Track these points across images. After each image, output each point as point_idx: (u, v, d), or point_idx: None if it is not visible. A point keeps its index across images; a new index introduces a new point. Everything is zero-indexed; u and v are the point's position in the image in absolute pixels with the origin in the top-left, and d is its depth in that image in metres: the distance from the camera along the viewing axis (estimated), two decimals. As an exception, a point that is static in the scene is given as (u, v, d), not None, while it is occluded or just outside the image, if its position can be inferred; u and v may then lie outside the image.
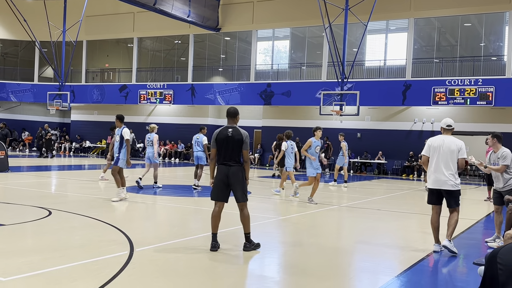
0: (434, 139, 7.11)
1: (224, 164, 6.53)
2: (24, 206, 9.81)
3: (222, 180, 6.54)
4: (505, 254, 1.97)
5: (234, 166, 6.53)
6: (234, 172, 6.50)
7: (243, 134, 6.56)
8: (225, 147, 6.53)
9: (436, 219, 7.15)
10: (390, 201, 14.03)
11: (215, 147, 6.61)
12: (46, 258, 5.80)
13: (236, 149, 6.53)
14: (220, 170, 6.56)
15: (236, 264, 6.19)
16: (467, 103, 22.55)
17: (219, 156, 6.60)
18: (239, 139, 6.51)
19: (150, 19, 29.61)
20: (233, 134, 6.53)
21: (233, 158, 6.54)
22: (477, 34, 24.73)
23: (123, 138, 11.40)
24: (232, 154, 6.53)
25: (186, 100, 29.75)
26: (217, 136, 6.60)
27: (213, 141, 6.63)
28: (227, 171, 6.51)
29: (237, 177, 6.51)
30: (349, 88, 24.18)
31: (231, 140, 6.51)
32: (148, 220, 9.34)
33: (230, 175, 6.49)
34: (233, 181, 6.51)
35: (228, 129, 6.60)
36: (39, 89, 33.15)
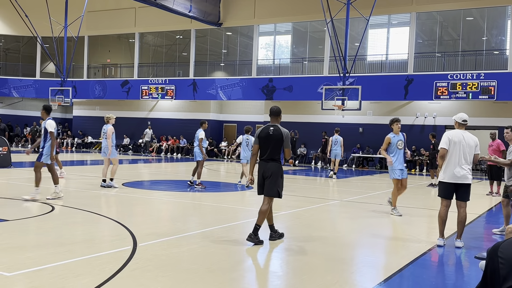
0: (454, 133, 7.06)
1: (264, 160, 6.90)
2: (27, 201, 9.85)
3: (262, 176, 6.91)
4: (507, 248, 1.98)
5: (272, 162, 6.85)
6: (271, 168, 6.83)
7: (283, 132, 6.83)
8: (266, 144, 6.86)
9: (445, 212, 7.16)
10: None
11: (257, 144, 6.96)
12: (49, 253, 5.83)
13: (276, 146, 6.84)
14: (260, 166, 6.94)
15: (239, 259, 6.22)
16: (469, 97, 22.51)
17: (261, 152, 6.95)
18: (279, 137, 6.80)
19: (152, 14, 29.57)
20: (274, 133, 6.82)
21: (273, 155, 6.86)
22: (479, 28, 24.66)
23: (47, 131, 10.35)
24: (272, 151, 6.85)
25: (188, 95, 29.75)
26: (259, 133, 6.94)
27: (255, 138, 6.98)
28: (265, 166, 6.86)
29: (272, 173, 6.82)
30: (351, 82, 24.15)
31: (272, 138, 6.82)
32: (151, 215, 9.37)
33: (267, 170, 6.84)
34: (268, 176, 6.84)
35: (270, 128, 6.89)
36: (41, 84, 33.17)
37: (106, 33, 32.80)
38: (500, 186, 14.28)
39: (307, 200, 12.01)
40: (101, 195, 11.31)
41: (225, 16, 28.77)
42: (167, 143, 30.73)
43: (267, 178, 6.84)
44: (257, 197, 12.47)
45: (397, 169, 9.73)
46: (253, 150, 7.09)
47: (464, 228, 7.15)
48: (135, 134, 32.32)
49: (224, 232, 7.61)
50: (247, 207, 10.92)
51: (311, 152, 27.43)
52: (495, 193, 14.33)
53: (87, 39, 33.20)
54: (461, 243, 7.07)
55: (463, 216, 7.05)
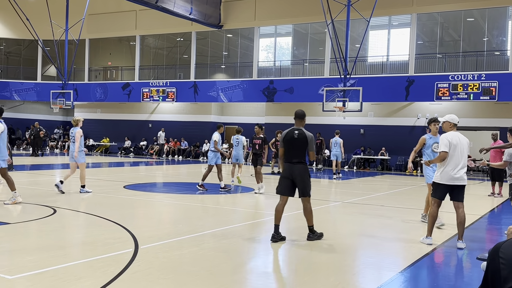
0: (451, 135, 7.03)
1: (290, 163, 7.13)
2: (29, 204, 9.86)
3: (287, 177, 7.13)
4: (508, 248, 1.98)
5: (298, 165, 7.10)
6: (298, 170, 7.07)
7: (308, 136, 7.12)
8: (291, 147, 7.13)
9: (437, 212, 7.22)
10: (393, 197, 14.03)
11: (283, 147, 7.22)
12: (51, 256, 5.83)
13: (301, 149, 7.12)
14: (285, 168, 7.19)
15: (240, 261, 6.21)
16: (470, 98, 22.49)
17: (286, 155, 7.20)
18: (304, 140, 7.09)
19: (152, 17, 29.62)
20: (298, 136, 7.10)
21: (298, 157, 7.12)
22: (480, 29, 24.65)
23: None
24: (297, 154, 7.12)
25: (189, 98, 29.78)
26: (284, 137, 7.21)
27: (281, 142, 7.25)
28: (292, 168, 7.09)
29: (301, 174, 7.07)
30: (352, 84, 24.15)
31: (297, 141, 7.10)
32: (152, 217, 9.37)
33: (294, 173, 7.07)
34: (297, 178, 7.06)
35: (295, 131, 7.15)
36: (42, 87, 33.22)
37: (107, 36, 32.84)
38: (502, 187, 14.26)
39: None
40: (102, 198, 11.31)
41: (226, 18, 28.81)
42: (168, 145, 30.74)
43: (295, 179, 7.09)
44: (258, 199, 12.48)
45: (431, 173, 8.52)
46: (279, 153, 7.34)
47: (464, 228, 7.17)
48: (136, 137, 32.35)
49: (225, 234, 7.61)
50: (248, 209, 10.92)
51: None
52: (497, 194, 14.31)
53: (88, 42, 33.25)
54: (463, 244, 7.07)
55: (462, 216, 7.07)
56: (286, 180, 7.14)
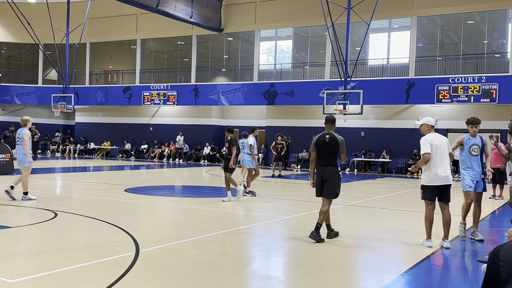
0: (431, 137, 7.19)
1: (321, 165, 7.47)
2: (30, 208, 9.87)
3: (321, 179, 7.47)
4: (508, 250, 1.98)
5: (329, 167, 7.44)
6: (328, 172, 7.41)
7: (339, 140, 7.42)
8: (323, 151, 7.44)
9: (433, 215, 7.31)
10: (394, 200, 14.02)
11: (315, 151, 7.54)
12: (52, 259, 5.84)
13: (333, 152, 7.43)
14: (318, 171, 7.54)
15: (241, 263, 6.21)
16: (471, 101, 22.50)
17: (318, 158, 7.52)
18: (335, 144, 7.39)
19: (153, 21, 29.66)
20: (330, 140, 7.40)
21: (329, 160, 7.44)
22: (480, 31, 24.67)
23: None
24: (329, 157, 7.43)
25: (189, 101, 29.80)
26: (316, 141, 7.53)
27: (313, 146, 7.57)
28: (323, 171, 7.44)
29: (331, 176, 7.40)
30: (352, 87, 24.16)
31: (328, 145, 7.41)
32: (153, 221, 9.38)
33: (325, 174, 7.40)
34: (327, 179, 7.41)
35: (326, 135, 7.47)
36: (43, 91, 33.26)
37: (108, 40, 32.91)
38: (503, 189, 14.25)
39: (310, 205, 12.00)
40: (103, 201, 11.31)
41: (226, 22, 28.85)
42: (169, 149, 30.75)
43: (325, 181, 7.41)
44: (261, 202, 12.48)
45: (467, 179, 7.78)
46: (311, 156, 7.66)
47: (450, 228, 7.30)
48: (137, 140, 32.37)
49: (226, 237, 7.61)
50: (250, 212, 10.92)
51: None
52: (498, 196, 14.31)
53: (89, 46, 33.31)
54: (449, 243, 7.24)
55: (448, 217, 7.25)
56: (320, 182, 7.48)
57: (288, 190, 16.18)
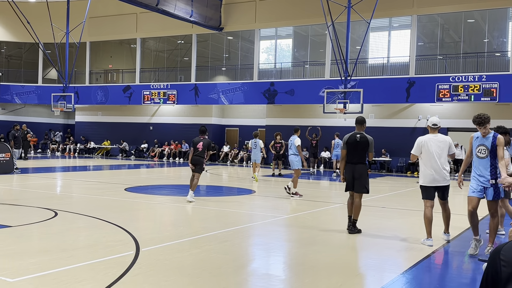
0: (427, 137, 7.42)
1: (351, 163, 8.02)
2: (30, 207, 9.87)
3: (352, 176, 8.00)
4: (509, 250, 1.97)
5: (359, 165, 8.01)
6: (359, 170, 7.99)
7: (369, 139, 8.07)
8: (353, 149, 8.01)
9: (430, 213, 7.41)
10: (395, 199, 14.02)
11: (345, 149, 8.11)
12: (53, 258, 5.84)
13: (362, 151, 8.05)
14: (348, 168, 8.07)
15: (241, 263, 6.21)
16: (471, 100, 22.48)
17: (348, 156, 8.07)
18: (365, 144, 8.02)
19: (153, 20, 29.64)
20: (360, 140, 8.03)
21: (359, 158, 8.03)
22: (480, 30, 24.65)
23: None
24: (359, 155, 8.04)
25: (189, 100, 29.79)
26: (347, 140, 8.11)
27: (344, 144, 8.16)
28: (354, 168, 7.98)
29: (361, 173, 7.99)
30: (352, 86, 24.15)
31: (359, 144, 8.01)
32: (153, 220, 9.38)
33: (356, 172, 7.96)
34: (357, 176, 7.97)
35: (357, 135, 8.10)
36: (43, 91, 33.25)
37: (108, 39, 32.89)
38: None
39: (310, 204, 12.00)
40: (103, 200, 11.31)
41: (226, 21, 28.83)
42: (169, 148, 30.74)
43: (357, 178, 7.96)
44: (261, 201, 12.47)
45: (472, 183, 6.87)
46: (341, 154, 8.26)
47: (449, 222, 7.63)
48: (137, 139, 32.36)
49: (227, 236, 7.61)
50: (250, 211, 10.92)
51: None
52: None
53: (89, 45, 33.29)
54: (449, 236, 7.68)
55: (448, 212, 7.57)
56: (350, 178, 8.03)
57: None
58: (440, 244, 7.38)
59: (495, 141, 6.66)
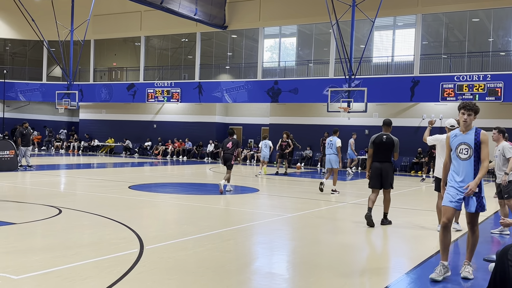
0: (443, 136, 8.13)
1: (378, 161, 8.74)
2: (34, 204, 9.89)
3: (376, 173, 8.73)
4: (516, 250, 1.96)
5: (386, 163, 8.74)
6: (385, 168, 8.72)
7: (394, 140, 8.75)
8: (380, 149, 8.72)
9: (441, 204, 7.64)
10: (399, 198, 13.98)
11: (372, 148, 8.81)
12: (57, 256, 5.85)
13: (388, 151, 8.74)
14: (374, 166, 8.76)
15: (245, 261, 6.21)
16: (475, 99, 22.40)
17: (375, 155, 8.78)
18: (391, 144, 8.72)
19: (157, 18, 29.66)
20: (386, 140, 8.74)
21: (385, 157, 8.75)
22: (485, 29, 24.56)
23: None
24: (385, 155, 8.74)
25: (193, 98, 29.80)
26: (374, 140, 8.82)
27: (371, 144, 8.85)
28: (380, 166, 8.70)
29: (388, 171, 8.72)
30: (356, 84, 24.11)
31: (385, 144, 8.72)
32: (157, 218, 9.38)
33: (382, 170, 8.69)
34: (384, 174, 8.70)
35: (383, 136, 8.79)
36: (48, 88, 33.33)
37: (112, 37, 32.92)
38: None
39: (313, 203, 11.99)
40: (107, 198, 11.33)
41: (231, 19, 28.82)
42: (173, 146, 30.77)
43: (384, 176, 8.69)
44: (265, 199, 12.47)
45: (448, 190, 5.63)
46: (368, 153, 8.98)
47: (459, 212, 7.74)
48: (141, 137, 32.41)
49: (230, 234, 7.61)
50: (254, 209, 10.91)
51: (316, 155, 27.39)
52: None
53: (93, 43, 33.34)
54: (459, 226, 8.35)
55: None
56: (376, 176, 8.72)
57: (292, 187, 16.17)
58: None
59: (478, 138, 5.51)
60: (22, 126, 19.10)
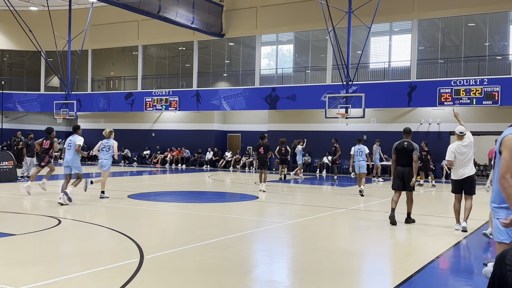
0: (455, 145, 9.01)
1: (401, 165, 9.67)
2: (34, 215, 9.88)
3: (399, 176, 9.65)
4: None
5: (407, 167, 9.60)
6: (407, 172, 9.60)
7: (414, 146, 9.62)
8: (401, 154, 9.66)
9: (458, 205, 9.00)
10: (399, 204, 13.98)
11: (395, 154, 9.76)
12: (57, 267, 5.84)
13: (409, 156, 9.57)
14: (397, 170, 9.70)
15: (245, 269, 6.21)
16: (473, 103, 22.48)
17: (397, 160, 9.71)
18: (411, 150, 9.59)
19: (155, 27, 29.75)
20: (407, 146, 9.64)
21: (407, 162, 9.61)
22: (481, 33, 24.67)
23: None
24: (406, 159, 9.61)
25: (191, 106, 29.85)
26: (396, 147, 9.77)
27: (393, 150, 9.77)
28: (403, 170, 9.62)
29: (409, 175, 9.58)
30: (354, 90, 24.17)
31: (406, 150, 9.62)
32: (157, 226, 9.38)
33: (405, 174, 9.60)
34: (406, 178, 9.59)
35: (404, 142, 9.72)
36: (46, 98, 33.36)
37: (110, 46, 33.00)
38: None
39: (313, 209, 11.99)
40: (107, 208, 11.33)
41: (228, 27, 28.93)
42: (171, 154, 30.76)
43: (406, 180, 9.55)
44: (262, 206, 12.46)
45: None
46: (392, 158, 9.86)
47: (469, 214, 8.86)
48: (139, 146, 32.40)
49: (230, 242, 7.61)
50: (253, 217, 10.91)
51: (315, 161, 27.41)
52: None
53: (91, 53, 33.41)
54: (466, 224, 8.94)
55: (469, 204, 8.92)
56: (398, 179, 9.64)
57: (291, 194, 16.17)
58: (446, 247, 7.36)
59: None
60: (27, 137, 19.07)
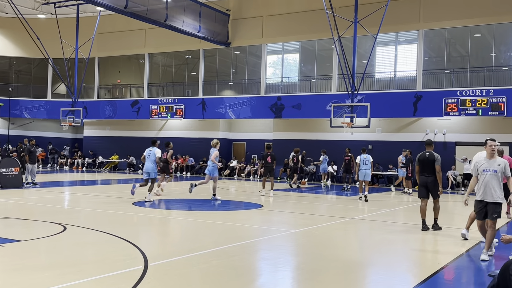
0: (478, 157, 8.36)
1: (424, 175, 10.13)
2: (39, 221, 9.92)
3: (423, 185, 10.13)
4: (518, 266, 1.98)
5: (431, 177, 10.07)
6: (431, 181, 10.07)
7: (436, 156, 10.06)
8: (424, 165, 10.13)
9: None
10: (403, 213, 13.95)
11: (418, 165, 10.24)
12: (62, 273, 5.86)
13: (432, 166, 10.03)
14: (422, 179, 10.15)
15: (250, 278, 6.20)
16: (479, 114, 22.43)
17: (421, 170, 10.16)
18: (433, 160, 10.03)
19: (161, 35, 29.94)
20: (429, 157, 10.09)
21: (430, 172, 10.05)
22: (487, 44, 24.66)
23: None
24: (429, 169, 10.05)
25: (197, 114, 29.93)
26: (419, 158, 10.26)
27: (417, 161, 10.30)
28: (427, 179, 10.10)
29: (433, 184, 10.05)
30: (359, 100, 24.18)
31: (428, 160, 10.08)
32: (162, 234, 9.39)
33: (429, 182, 10.07)
34: (430, 186, 10.06)
35: (426, 153, 10.19)
36: (52, 105, 33.55)
37: (117, 54, 33.20)
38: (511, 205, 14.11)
39: (318, 218, 11.97)
40: (111, 215, 11.35)
41: (234, 36, 29.06)
42: (176, 162, 30.81)
43: (431, 188, 10.02)
44: (267, 215, 12.45)
45: None
46: (416, 169, 10.39)
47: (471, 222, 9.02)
48: (145, 154, 32.43)
49: (235, 250, 7.61)
50: (258, 225, 10.90)
51: (320, 170, 27.39)
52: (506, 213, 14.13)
53: (98, 60, 33.63)
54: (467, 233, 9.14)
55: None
56: (423, 187, 10.13)
57: (296, 203, 16.15)
58: (451, 258, 7.33)
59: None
60: (29, 144, 19.14)
